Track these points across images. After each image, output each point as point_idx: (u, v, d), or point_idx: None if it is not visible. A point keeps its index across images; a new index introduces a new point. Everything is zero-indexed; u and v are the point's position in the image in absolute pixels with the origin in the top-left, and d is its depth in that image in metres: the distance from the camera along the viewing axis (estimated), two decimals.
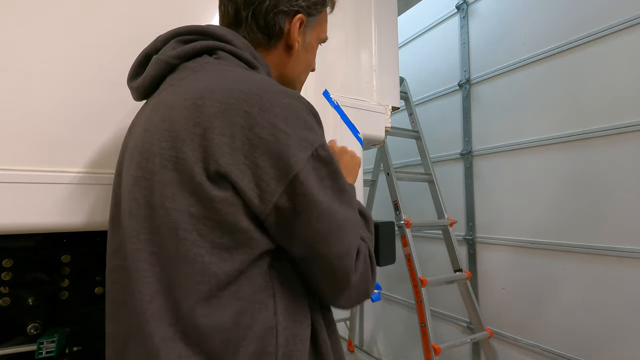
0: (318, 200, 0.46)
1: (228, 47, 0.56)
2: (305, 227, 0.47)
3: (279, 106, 0.47)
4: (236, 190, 0.45)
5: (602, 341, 1.50)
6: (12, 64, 0.71)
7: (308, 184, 0.46)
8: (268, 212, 0.46)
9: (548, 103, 1.74)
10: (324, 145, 0.49)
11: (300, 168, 0.45)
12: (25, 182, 0.69)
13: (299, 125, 0.47)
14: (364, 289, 0.54)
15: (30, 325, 0.85)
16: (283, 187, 0.45)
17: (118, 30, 0.82)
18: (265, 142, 0.45)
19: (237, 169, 0.45)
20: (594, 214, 1.55)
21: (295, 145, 0.46)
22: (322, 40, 0.71)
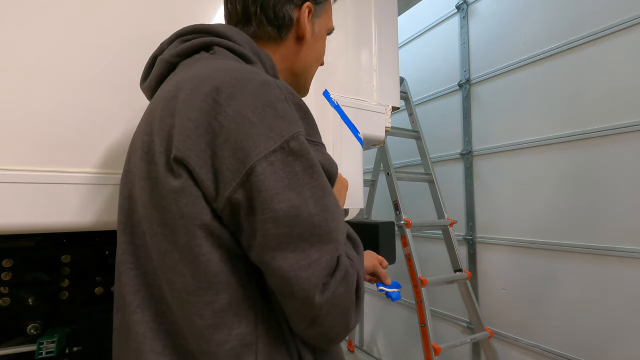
0: (278, 199, 0.40)
1: (224, 42, 0.55)
2: (259, 229, 0.41)
3: (250, 94, 0.43)
4: (195, 180, 0.42)
5: (602, 341, 1.50)
6: (13, 64, 0.71)
7: (267, 179, 0.40)
8: (222, 207, 0.42)
9: (548, 103, 1.74)
10: (298, 137, 0.42)
11: (259, 159, 0.40)
12: (25, 182, 0.69)
13: (270, 115, 0.42)
14: (341, 317, 0.44)
15: (30, 325, 0.85)
16: (238, 180, 0.40)
17: (122, 30, 0.82)
18: (227, 130, 0.41)
19: (197, 156, 0.41)
20: (594, 214, 1.55)
21: (258, 135, 0.41)
22: (330, 30, 0.71)
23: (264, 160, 0.40)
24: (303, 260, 0.41)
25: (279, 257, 0.41)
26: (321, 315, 0.42)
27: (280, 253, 0.41)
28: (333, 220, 0.43)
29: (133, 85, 0.72)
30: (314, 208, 0.42)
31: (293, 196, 0.41)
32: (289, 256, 0.41)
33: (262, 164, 0.40)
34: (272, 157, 0.40)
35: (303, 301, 0.41)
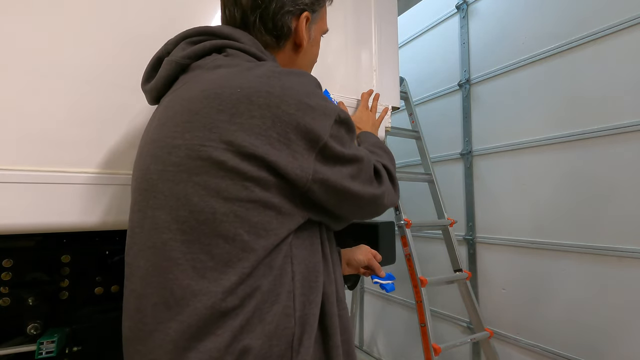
0: (344, 154, 0.55)
1: (236, 44, 0.58)
2: (342, 176, 0.55)
3: (297, 84, 0.52)
4: (272, 169, 0.48)
5: (602, 341, 1.50)
6: (14, 64, 0.71)
7: (335, 147, 0.53)
8: (311, 179, 0.51)
9: (548, 103, 1.74)
10: (341, 111, 0.56)
11: (328, 135, 0.52)
12: (26, 182, 0.69)
13: (318, 97, 0.53)
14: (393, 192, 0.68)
15: (30, 325, 0.85)
16: (314, 155, 0.51)
17: (123, 30, 0.82)
18: (294, 117, 0.49)
19: (273, 147, 0.48)
20: (594, 214, 1.55)
21: (320, 116, 0.52)
22: (324, 32, 0.74)
23: (330, 133, 0.52)
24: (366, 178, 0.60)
25: (355, 182, 0.57)
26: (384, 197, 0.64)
27: (355, 180, 0.57)
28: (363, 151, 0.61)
29: (135, 86, 0.72)
30: (358, 151, 0.59)
31: (349, 147, 0.57)
32: (358, 179, 0.58)
33: (329, 137, 0.52)
34: (332, 129, 0.53)
35: (374, 199, 0.62)
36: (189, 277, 0.47)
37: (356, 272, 0.94)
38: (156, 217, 0.51)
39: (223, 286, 0.47)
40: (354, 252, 0.94)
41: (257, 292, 0.49)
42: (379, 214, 0.68)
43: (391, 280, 0.96)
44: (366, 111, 1.09)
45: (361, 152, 0.60)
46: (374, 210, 0.65)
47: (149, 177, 0.53)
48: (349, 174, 0.56)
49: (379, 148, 0.79)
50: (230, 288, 0.47)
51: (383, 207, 0.65)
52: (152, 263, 0.50)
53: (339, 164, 0.55)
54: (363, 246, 0.97)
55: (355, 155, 0.57)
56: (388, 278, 0.96)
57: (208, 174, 0.48)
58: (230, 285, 0.47)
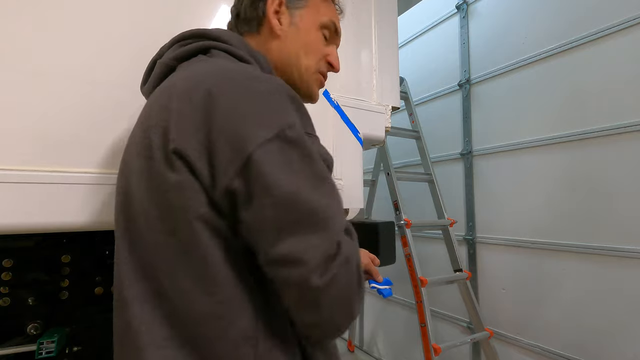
0: (276, 185, 0.41)
1: (222, 45, 0.57)
2: (259, 215, 0.41)
3: (247, 88, 0.45)
4: (193, 172, 0.43)
5: (602, 341, 1.50)
6: (14, 64, 0.71)
7: (265, 166, 0.41)
8: (221, 197, 0.43)
9: (548, 103, 1.74)
10: (295, 127, 0.44)
11: (256, 147, 0.41)
12: (25, 182, 0.69)
13: (266, 107, 0.44)
14: (344, 304, 0.42)
15: (30, 325, 0.85)
16: (236, 168, 0.41)
17: (122, 31, 0.82)
18: (222, 122, 0.43)
19: (194, 149, 0.43)
20: (594, 213, 1.54)
21: (255, 124, 0.42)
22: (325, 24, 0.67)
23: (261, 148, 0.41)
24: (302, 244, 0.40)
25: (279, 242, 0.41)
26: (322, 300, 0.41)
27: (280, 238, 0.41)
28: (331, 207, 0.43)
29: (133, 86, 0.72)
30: (312, 194, 0.42)
31: (291, 182, 0.41)
32: (288, 240, 0.40)
33: (258, 151, 0.41)
34: (269, 145, 0.42)
35: (301, 285, 0.41)
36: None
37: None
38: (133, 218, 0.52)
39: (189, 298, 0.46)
40: None
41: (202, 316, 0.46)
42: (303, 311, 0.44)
43: (388, 286, 0.96)
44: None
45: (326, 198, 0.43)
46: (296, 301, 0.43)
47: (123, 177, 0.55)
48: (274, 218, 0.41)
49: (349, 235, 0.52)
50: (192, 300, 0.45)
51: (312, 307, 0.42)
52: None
53: (265, 195, 0.41)
54: (362, 250, 0.95)
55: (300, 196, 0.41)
56: (385, 283, 0.96)
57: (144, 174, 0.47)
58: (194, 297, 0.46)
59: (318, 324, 0.44)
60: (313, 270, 0.40)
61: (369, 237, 1.26)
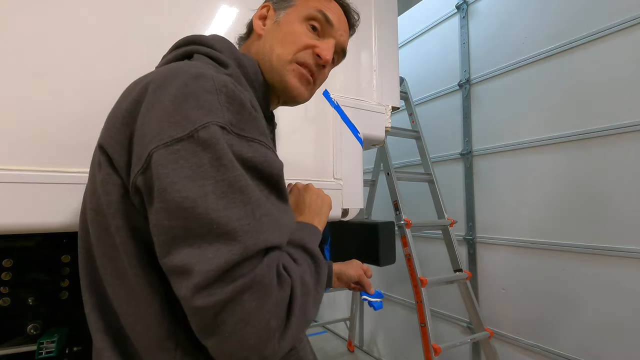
0: (172, 189, 0.36)
1: (203, 49, 0.56)
2: (154, 220, 0.38)
3: (178, 85, 0.41)
4: (114, 168, 0.44)
5: (602, 341, 1.50)
6: (13, 64, 0.71)
7: (165, 168, 0.37)
8: (132, 194, 0.42)
9: (548, 103, 1.74)
10: (210, 127, 0.39)
11: (158, 146, 0.38)
12: (25, 182, 0.69)
13: (189, 104, 0.40)
14: (250, 336, 0.36)
15: (30, 325, 0.85)
16: (140, 166, 0.39)
17: (122, 31, 0.82)
18: (142, 117, 0.42)
19: (117, 143, 0.44)
20: (594, 213, 1.55)
21: (165, 122, 0.39)
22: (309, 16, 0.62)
23: (165, 147, 0.38)
24: (195, 257, 0.36)
25: (173, 252, 0.37)
26: (215, 325, 0.35)
27: (175, 248, 0.37)
28: (240, 220, 0.37)
29: None
30: (215, 204, 0.37)
31: (191, 188, 0.37)
32: (183, 252, 0.36)
33: (160, 151, 0.38)
34: (176, 145, 0.38)
35: (184, 302, 0.36)
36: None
37: (346, 287, 0.92)
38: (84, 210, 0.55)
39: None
40: (346, 267, 0.90)
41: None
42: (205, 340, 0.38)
43: (380, 299, 0.97)
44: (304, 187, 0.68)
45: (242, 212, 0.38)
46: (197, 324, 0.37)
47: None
48: (166, 225, 0.37)
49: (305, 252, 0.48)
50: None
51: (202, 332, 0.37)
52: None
53: (159, 199, 0.37)
54: (354, 261, 0.94)
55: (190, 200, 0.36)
56: (377, 296, 0.96)
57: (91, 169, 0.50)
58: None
59: (219, 352, 0.38)
60: (199, 286, 0.35)
61: (369, 237, 1.26)
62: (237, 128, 0.41)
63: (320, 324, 3.20)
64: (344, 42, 0.68)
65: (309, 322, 0.43)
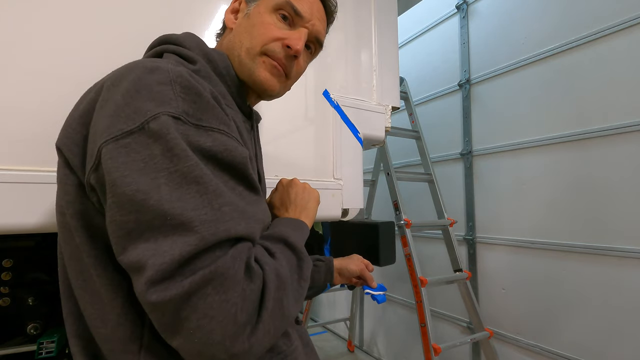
0: (122, 182, 0.35)
1: (172, 47, 0.55)
2: (108, 215, 0.37)
3: (132, 80, 0.40)
4: (70, 167, 0.43)
5: (602, 341, 1.50)
6: (11, 64, 0.71)
7: (114, 161, 0.36)
8: (88, 192, 0.41)
9: (548, 103, 1.74)
10: (160, 117, 0.37)
11: (107, 141, 0.37)
12: (25, 182, 0.69)
13: (141, 97, 0.38)
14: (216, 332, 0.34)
15: (30, 325, 0.85)
16: (92, 163, 0.39)
17: (119, 31, 0.82)
18: (96, 114, 0.41)
19: (73, 143, 0.43)
20: (594, 214, 1.55)
21: (117, 116, 0.38)
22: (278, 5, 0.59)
23: (114, 142, 0.37)
24: (150, 250, 0.34)
25: (129, 248, 0.35)
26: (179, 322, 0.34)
27: (130, 243, 0.35)
28: (196, 209, 0.36)
29: None
30: (168, 195, 0.35)
31: (142, 180, 0.35)
32: (139, 247, 0.35)
33: (109, 145, 0.37)
34: (127, 138, 0.37)
35: (140, 299, 0.35)
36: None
37: (348, 282, 0.92)
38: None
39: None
40: (347, 262, 0.90)
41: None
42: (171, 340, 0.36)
43: (382, 292, 0.96)
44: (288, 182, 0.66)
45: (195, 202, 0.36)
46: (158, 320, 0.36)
47: None
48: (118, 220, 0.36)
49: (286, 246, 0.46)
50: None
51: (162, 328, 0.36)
52: None
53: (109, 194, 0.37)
54: (355, 256, 0.94)
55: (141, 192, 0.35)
56: (380, 289, 0.96)
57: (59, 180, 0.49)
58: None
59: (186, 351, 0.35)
60: (153, 280, 0.33)
61: (369, 237, 1.26)
62: (193, 118, 0.40)
63: (320, 324, 3.20)
64: (318, 32, 0.62)
65: (288, 317, 0.41)
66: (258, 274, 0.38)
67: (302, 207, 0.61)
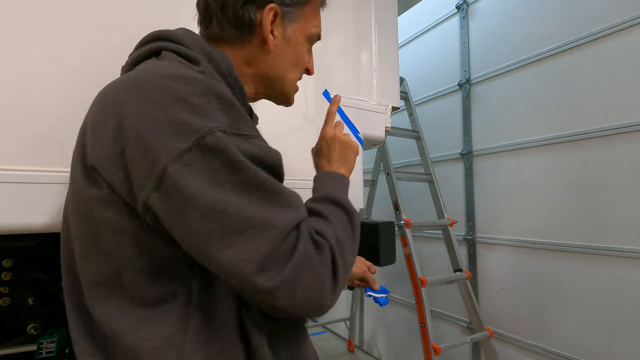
0: (199, 195, 0.38)
1: (171, 45, 0.53)
2: (189, 229, 0.40)
3: (159, 90, 0.41)
4: (112, 187, 0.42)
5: (602, 341, 1.50)
6: (11, 64, 0.71)
7: (184, 180, 0.38)
8: (142, 212, 0.41)
9: (548, 103, 1.74)
10: (215, 133, 0.40)
11: (171, 160, 0.38)
12: (25, 182, 0.69)
13: (182, 111, 0.40)
14: (311, 298, 0.42)
15: (30, 325, 0.85)
16: (151, 184, 0.39)
17: (115, 31, 0.82)
18: (136, 131, 0.40)
19: (110, 163, 0.42)
20: (594, 214, 1.55)
21: (168, 134, 0.39)
22: (312, 36, 0.64)
23: (177, 160, 0.38)
24: (242, 253, 0.39)
25: (217, 254, 0.39)
26: (282, 298, 0.40)
27: (217, 249, 0.39)
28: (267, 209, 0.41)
29: None
30: (241, 202, 0.40)
31: (216, 192, 0.39)
32: (226, 252, 0.39)
33: (174, 165, 0.38)
34: (186, 156, 0.39)
35: (251, 290, 0.40)
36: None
37: (351, 284, 0.92)
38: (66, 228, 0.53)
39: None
40: None
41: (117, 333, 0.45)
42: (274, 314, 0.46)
43: (385, 294, 0.96)
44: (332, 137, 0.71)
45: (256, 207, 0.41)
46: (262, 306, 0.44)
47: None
48: (207, 233, 0.39)
49: (335, 205, 0.53)
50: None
51: (274, 310, 0.43)
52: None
53: (190, 211, 0.39)
54: (358, 258, 0.94)
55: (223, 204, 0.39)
56: (382, 291, 0.96)
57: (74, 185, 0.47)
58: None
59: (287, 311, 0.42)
60: (254, 273, 0.39)
61: (369, 237, 1.26)
62: (234, 128, 0.43)
63: (320, 324, 3.20)
64: None
65: (351, 265, 0.49)
66: (325, 245, 0.44)
67: (344, 160, 0.68)
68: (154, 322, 0.43)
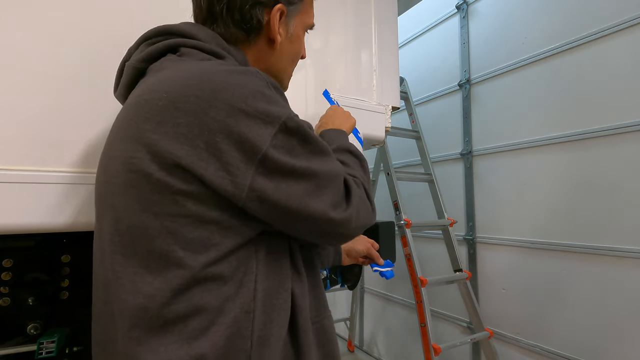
0: (294, 167, 0.48)
1: (190, 42, 0.54)
2: (290, 192, 0.48)
3: (234, 85, 0.46)
4: (202, 181, 0.44)
5: (602, 341, 1.50)
6: (11, 64, 0.71)
7: (279, 158, 0.47)
8: (245, 196, 0.46)
9: (548, 103, 1.74)
10: (292, 117, 0.49)
11: (268, 145, 0.46)
12: (24, 182, 0.69)
13: (261, 101, 0.46)
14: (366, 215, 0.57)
15: (30, 325, 0.85)
16: (254, 168, 0.45)
17: (111, 31, 0.82)
18: (224, 124, 0.44)
19: (200, 159, 0.44)
20: (594, 214, 1.55)
21: (258, 123, 0.46)
22: (308, 26, 0.68)
23: (271, 145, 0.46)
24: (326, 200, 0.50)
25: (317, 200, 0.49)
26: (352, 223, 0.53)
27: (315, 198, 0.49)
28: (334, 166, 0.54)
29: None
30: (320, 163, 0.51)
31: (303, 161, 0.49)
32: (321, 197, 0.50)
33: (270, 149, 0.46)
34: (274, 140, 0.46)
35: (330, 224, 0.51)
36: (127, 292, 0.46)
37: (355, 262, 0.97)
38: (103, 228, 0.50)
39: (157, 302, 0.44)
40: (353, 243, 0.97)
41: (200, 310, 0.45)
42: (344, 242, 0.61)
43: (390, 267, 1.00)
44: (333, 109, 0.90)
45: (326, 165, 0.52)
46: (336, 238, 0.57)
47: (99, 187, 0.53)
48: (303, 191, 0.48)
49: (350, 153, 0.67)
50: (164, 304, 0.44)
51: (348, 235, 0.56)
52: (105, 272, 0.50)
53: (289, 179, 0.48)
54: (361, 236, 1.00)
55: (310, 169, 0.49)
56: (387, 265, 1.01)
57: (138, 188, 0.46)
58: (166, 301, 0.44)
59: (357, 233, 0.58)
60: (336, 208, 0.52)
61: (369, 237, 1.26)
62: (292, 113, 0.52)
63: None
64: None
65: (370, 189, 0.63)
66: (358, 181, 0.59)
67: (341, 125, 0.82)
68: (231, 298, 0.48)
